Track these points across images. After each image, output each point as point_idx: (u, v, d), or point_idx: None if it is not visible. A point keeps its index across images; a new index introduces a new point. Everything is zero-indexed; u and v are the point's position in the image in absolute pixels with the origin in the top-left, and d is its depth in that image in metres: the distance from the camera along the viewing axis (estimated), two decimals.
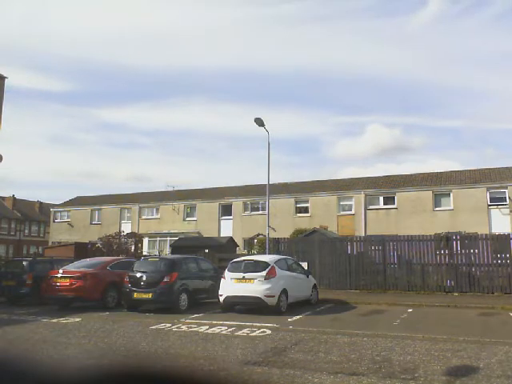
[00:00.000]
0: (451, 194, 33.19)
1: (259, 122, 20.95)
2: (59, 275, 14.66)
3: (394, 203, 34.60)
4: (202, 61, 76.62)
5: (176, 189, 45.77)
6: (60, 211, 47.61)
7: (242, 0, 78.76)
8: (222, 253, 22.97)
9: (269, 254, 19.32)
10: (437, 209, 33.33)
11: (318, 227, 27.32)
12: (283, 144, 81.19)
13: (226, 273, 13.63)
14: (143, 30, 77.58)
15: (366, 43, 73.32)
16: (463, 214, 32.02)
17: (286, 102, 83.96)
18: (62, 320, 11.93)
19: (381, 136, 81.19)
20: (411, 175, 37.75)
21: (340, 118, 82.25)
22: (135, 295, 13.65)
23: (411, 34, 74.06)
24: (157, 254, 33.37)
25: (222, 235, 36.04)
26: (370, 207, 35.29)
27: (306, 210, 37.05)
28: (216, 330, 10.27)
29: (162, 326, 10.81)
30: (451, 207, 32.88)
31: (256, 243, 29.56)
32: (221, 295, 13.41)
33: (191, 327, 10.60)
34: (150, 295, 13.50)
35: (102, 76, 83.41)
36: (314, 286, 15.57)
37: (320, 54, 74.32)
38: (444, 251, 18.62)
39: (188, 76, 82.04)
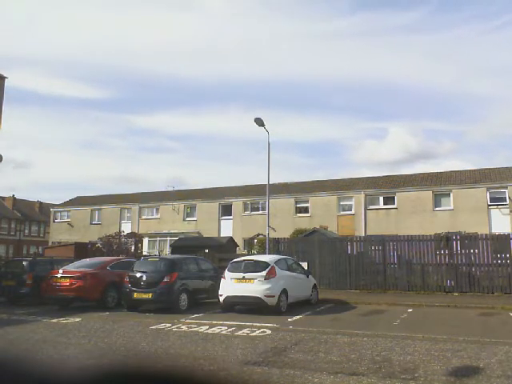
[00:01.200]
0: (451, 194, 33.19)
1: (259, 122, 20.96)
2: (59, 275, 14.66)
3: (394, 203, 34.60)
4: (243, 71, 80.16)
5: (176, 189, 45.83)
6: (60, 211, 47.61)
7: (278, 16, 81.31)
8: (221, 253, 22.97)
9: (269, 254, 19.31)
10: (437, 209, 33.33)
11: (317, 227, 27.32)
12: (306, 147, 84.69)
13: (226, 273, 13.63)
14: (185, 42, 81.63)
15: (399, 57, 76.69)
16: (463, 213, 32.02)
17: (312, 109, 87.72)
18: (62, 320, 11.93)
19: (404, 141, 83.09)
20: (411, 175, 37.76)
21: (364, 124, 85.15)
22: (135, 295, 13.65)
23: (442, 48, 75.45)
24: (157, 253, 33.37)
25: (222, 235, 36.04)
26: (370, 207, 35.29)
27: (306, 209, 37.05)
28: (216, 329, 10.27)
29: (162, 325, 10.81)
30: (451, 207, 32.88)
31: (256, 243, 29.56)
32: (221, 295, 13.41)
33: (191, 327, 10.60)
34: (149, 295, 13.50)
35: (139, 85, 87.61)
36: (314, 286, 15.57)
37: (354, 64, 77.63)
38: (444, 251, 18.62)
39: (225, 85, 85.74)
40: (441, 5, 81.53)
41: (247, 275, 13.22)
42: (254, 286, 13.00)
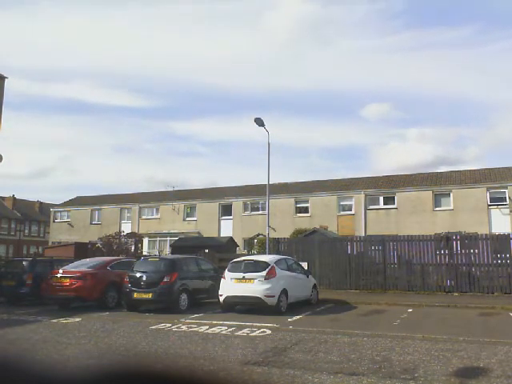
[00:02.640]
0: (451, 194, 33.19)
1: (259, 122, 20.96)
2: (59, 275, 14.66)
3: (394, 203, 34.60)
4: (290, 83, 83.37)
5: (176, 189, 45.83)
6: (60, 211, 47.61)
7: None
8: (221, 253, 22.95)
9: (269, 254, 19.31)
10: (437, 209, 33.33)
11: (317, 227, 27.32)
12: (333, 151, 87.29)
13: (226, 273, 13.63)
14: (226, 54, 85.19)
15: (441, 69, 79.44)
16: (463, 213, 32.02)
17: (347, 116, 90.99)
18: (62, 320, 11.93)
19: (430, 146, 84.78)
20: (411, 175, 37.75)
21: (393, 130, 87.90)
22: (135, 295, 13.65)
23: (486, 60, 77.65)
24: (157, 254, 33.38)
25: (222, 235, 36.04)
26: (370, 207, 35.29)
27: (306, 209, 37.05)
28: (216, 329, 10.27)
29: (162, 326, 10.81)
30: (451, 207, 32.88)
31: (256, 243, 29.56)
32: (221, 295, 13.41)
33: (191, 327, 10.60)
34: (150, 295, 13.50)
35: (184, 94, 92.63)
36: (314, 286, 15.57)
37: (396, 76, 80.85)
38: (444, 251, 18.62)
39: (259, 94, 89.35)
40: (488, 23, 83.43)
41: (247, 275, 13.22)
42: (254, 286, 13.00)
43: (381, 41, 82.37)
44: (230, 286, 13.26)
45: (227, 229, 38.40)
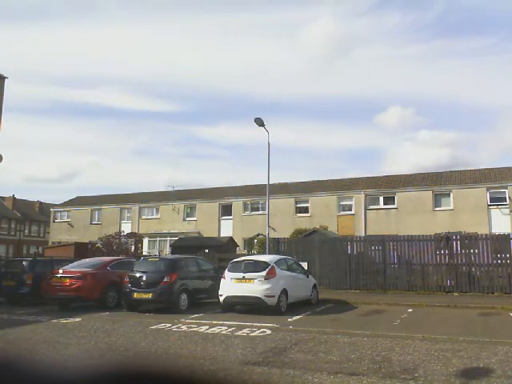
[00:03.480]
0: (451, 194, 33.19)
1: (259, 122, 20.96)
2: (59, 275, 14.66)
3: (394, 203, 34.59)
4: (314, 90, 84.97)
5: (176, 189, 45.83)
6: (60, 211, 47.61)
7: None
8: (222, 253, 22.96)
9: (269, 254, 19.31)
10: (437, 209, 33.33)
11: (317, 227, 27.31)
12: (353, 153, 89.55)
13: (226, 273, 13.63)
14: (248, 64, 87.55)
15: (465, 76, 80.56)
16: (463, 214, 32.02)
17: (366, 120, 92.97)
18: (62, 320, 11.93)
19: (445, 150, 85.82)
20: (411, 175, 37.76)
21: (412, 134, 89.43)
22: (135, 295, 13.65)
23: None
24: (157, 254, 33.38)
25: (222, 235, 36.04)
26: (370, 207, 35.29)
27: (306, 210, 37.05)
28: (216, 329, 10.27)
29: (162, 325, 10.81)
30: (451, 207, 32.88)
31: (256, 243, 29.56)
32: (221, 295, 13.41)
33: (191, 327, 10.60)
34: (149, 295, 13.50)
35: (207, 100, 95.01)
36: (314, 286, 15.56)
37: (420, 83, 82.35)
38: (444, 251, 18.61)
39: (277, 101, 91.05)
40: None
41: (247, 275, 13.22)
42: (254, 286, 13.00)
43: (407, 50, 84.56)
44: (230, 285, 13.26)
45: (227, 229, 38.40)
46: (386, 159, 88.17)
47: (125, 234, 32.48)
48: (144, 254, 33.11)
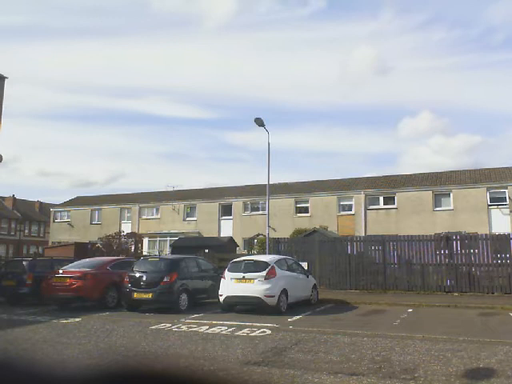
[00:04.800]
0: (451, 194, 33.19)
1: (259, 122, 20.96)
2: (59, 275, 14.66)
3: (394, 203, 34.60)
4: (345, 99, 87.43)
5: (176, 189, 45.82)
6: (60, 211, 47.60)
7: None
8: (221, 253, 22.96)
9: (269, 254, 19.32)
10: (437, 209, 33.33)
11: (317, 227, 27.32)
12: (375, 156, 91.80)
13: (226, 273, 13.63)
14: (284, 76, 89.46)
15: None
16: (463, 213, 32.02)
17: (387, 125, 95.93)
18: (62, 320, 11.93)
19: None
20: (411, 175, 37.76)
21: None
22: (135, 295, 13.65)
23: None
24: (157, 254, 33.38)
25: (222, 235, 36.04)
26: (370, 207, 35.29)
27: (306, 210, 37.05)
28: (216, 329, 10.27)
29: (162, 326, 10.81)
30: (451, 207, 32.87)
31: (256, 243, 29.56)
32: (221, 295, 13.41)
33: (191, 327, 10.60)
34: (150, 295, 13.50)
35: (242, 107, 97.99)
36: (314, 286, 15.56)
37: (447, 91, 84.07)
38: (444, 251, 18.62)
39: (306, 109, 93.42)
40: None
41: (247, 275, 13.22)
42: (254, 286, 13.00)
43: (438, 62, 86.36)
44: (230, 285, 13.25)
45: (227, 229, 38.40)
46: (406, 162, 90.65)
47: (125, 234, 32.49)
48: (144, 254, 33.11)
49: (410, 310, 13.86)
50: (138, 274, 13.94)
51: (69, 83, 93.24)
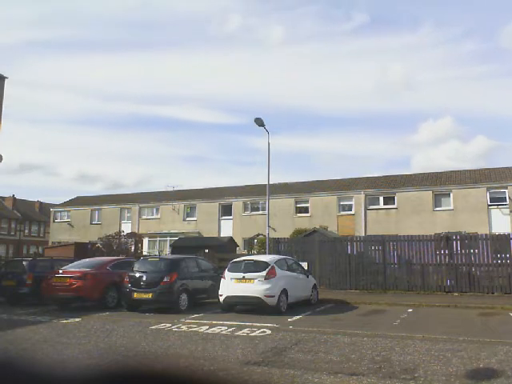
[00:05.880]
0: (451, 194, 33.19)
1: (259, 122, 20.97)
2: (59, 275, 14.66)
3: (394, 203, 34.60)
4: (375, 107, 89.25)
5: (176, 189, 45.81)
6: (60, 211, 47.60)
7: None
8: (222, 253, 22.96)
9: (269, 254, 19.32)
10: (437, 209, 33.33)
11: (317, 227, 27.32)
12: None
13: (226, 273, 13.63)
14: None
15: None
16: (463, 213, 32.02)
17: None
18: (62, 320, 11.93)
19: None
20: (411, 175, 37.76)
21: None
22: (135, 295, 13.65)
23: None
24: (157, 254, 33.38)
25: (222, 235, 36.04)
26: (370, 207, 35.29)
27: (306, 210, 37.05)
28: (216, 329, 10.27)
29: (162, 326, 10.81)
30: (451, 207, 32.87)
31: (256, 243, 29.56)
32: (221, 295, 13.41)
33: (191, 327, 10.60)
34: (150, 295, 13.50)
35: (268, 114, 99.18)
36: (314, 286, 15.56)
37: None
38: (444, 251, 18.62)
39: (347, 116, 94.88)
40: None
41: (247, 275, 13.22)
42: (254, 286, 13.00)
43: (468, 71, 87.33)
44: (230, 285, 13.25)
45: (227, 229, 38.40)
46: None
47: (125, 234, 32.50)
48: (144, 254, 33.11)
49: (410, 310, 13.86)
50: (137, 274, 13.94)
51: (104, 92, 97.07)
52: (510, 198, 31.50)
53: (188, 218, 40.94)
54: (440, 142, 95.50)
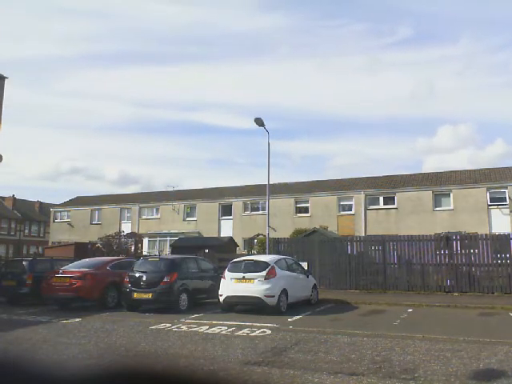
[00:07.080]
0: (451, 194, 33.19)
1: (259, 122, 20.96)
2: (59, 275, 14.66)
3: (394, 203, 34.60)
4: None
5: (176, 189, 45.82)
6: (60, 211, 47.61)
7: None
8: (222, 253, 22.96)
9: (269, 254, 19.31)
10: (437, 209, 33.33)
11: (317, 227, 27.32)
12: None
13: (226, 273, 13.63)
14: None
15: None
16: (463, 214, 32.02)
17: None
18: (62, 320, 11.93)
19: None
20: (411, 175, 37.76)
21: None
22: (135, 295, 13.65)
23: None
24: (157, 254, 33.38)
25: (222, 235, 36.03)
26: (370, 207, 35.29)
27: (306, 210, 37.05)
28: (216, 330, 10.27)
29: (162, 326, 10.81)
30: (451, 207, 32.88)
31: (256, 243, 29.56)
32: (221, 295, 13.41)
33: (191, 327, 10.60)
34: (150, 295, 13.50)
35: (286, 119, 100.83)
36: (314, 286, 15.56)
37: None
38: (444, 251, 18.62)
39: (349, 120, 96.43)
40: None
41: (247, 275, 13.22)
42: (254, 286, 13.00)
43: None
44: (230, 285, 13.26)
45: (227, 229, 38.41)
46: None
47: (125, 234, 32.50)
48: (144, 254, 33.11)
49: (410, 310, 13.86)
50: (137, 274, 13.94)
51: (141, 99, 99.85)
52: (510, 197, 31.50)
53: (188, 218, 40.95)
54: (457, 147, 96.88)
